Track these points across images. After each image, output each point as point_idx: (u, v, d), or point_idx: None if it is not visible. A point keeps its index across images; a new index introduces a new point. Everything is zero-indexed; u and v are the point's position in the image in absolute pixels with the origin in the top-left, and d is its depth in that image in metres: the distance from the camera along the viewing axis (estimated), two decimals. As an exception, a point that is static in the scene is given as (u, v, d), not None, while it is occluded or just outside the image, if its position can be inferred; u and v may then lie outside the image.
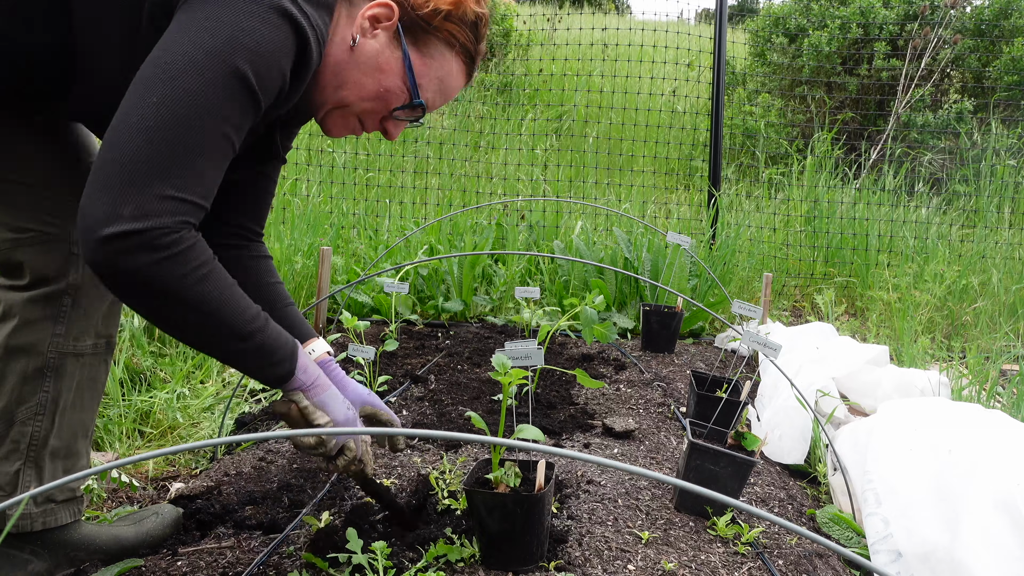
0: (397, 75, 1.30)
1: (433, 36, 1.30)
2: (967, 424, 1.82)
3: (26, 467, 1.40)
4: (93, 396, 1.49)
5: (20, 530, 1.41)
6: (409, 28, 1.29)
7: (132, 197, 1.02)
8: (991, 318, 3.86)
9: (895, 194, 5.33)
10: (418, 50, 1.31)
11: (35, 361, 1.38)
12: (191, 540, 1.57)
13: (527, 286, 3.16)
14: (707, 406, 2.11)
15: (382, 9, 1.26)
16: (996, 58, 6.71)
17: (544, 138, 6.88)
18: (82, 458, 1.50)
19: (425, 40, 1.30)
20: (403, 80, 1.30)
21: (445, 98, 1.38)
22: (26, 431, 1.39)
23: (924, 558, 1.53)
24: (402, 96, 1.32)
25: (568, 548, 1.47)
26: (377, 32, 1.27)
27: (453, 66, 1.35)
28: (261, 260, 1.59)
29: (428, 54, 1.32)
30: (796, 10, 7.72)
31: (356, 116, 1.34)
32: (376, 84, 1.30)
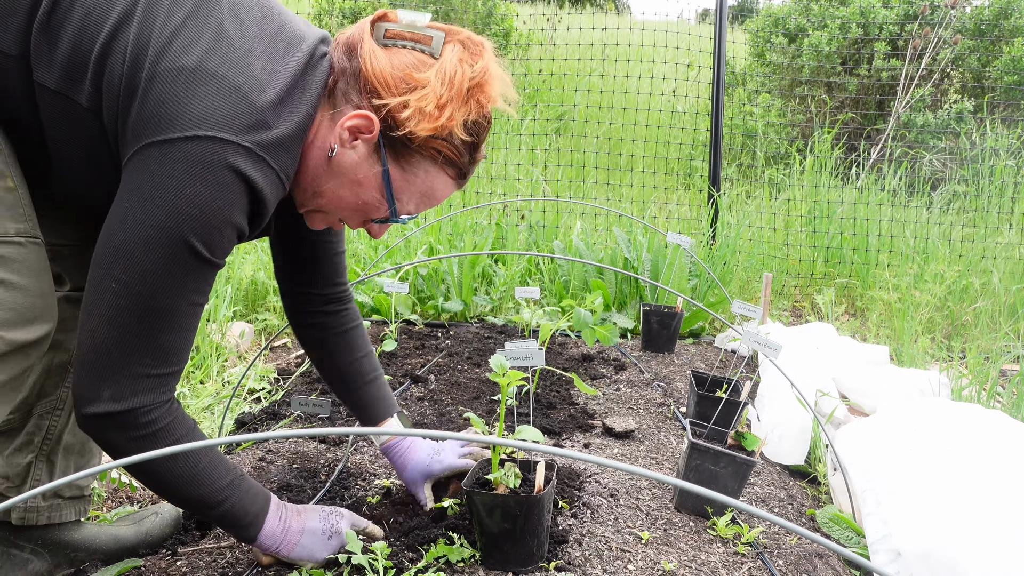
0: (375, 189, 1.23)
1: (416, 153, 1.20)
2: (967, 424, 1.82)
3: (38, 460, 1.42)
4: None
5: (26, 523, 1.43)
6: (390, 142, 1.19)
7: (109, 381, 1.10)
8: (991, 318, 3.86)
9: (895, 194, 5.33)
10: (399, 166, 1.21)
11: (60, 356, 1.41)
12: (191, 540, 1.57)
13: (527, 286, 3.16)
14: (707, 406, 2.11)
15: (362, 121, 1.17)
16: (996, 58, 6.71)
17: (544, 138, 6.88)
18: (95, 457, 1.53)
19: (407, 156, 1.21)
20: (382, 194, 1.23)
21: (430, 206, 1.30)
22: (43, 424, 1.42)
23: (923, 558, 1.53)
24: (382, 209, 1.25)
25: (568, 548, 1.47)
26: (356, 144, 1.19)
27: (438, 180, 1.25)
28: (349, 334, 1.61)
29: (410, 170, 1.22)
30: (796, 10, 7.72)
31: (337, 218, 1.32)
32: (354, 196, 1.24)
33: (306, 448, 2.07)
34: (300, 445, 2.08)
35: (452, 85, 1.16)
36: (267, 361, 3.13)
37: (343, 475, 1.88)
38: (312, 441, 2.11)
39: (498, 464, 1.43)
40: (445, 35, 1.18)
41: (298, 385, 2.71)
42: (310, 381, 2.72)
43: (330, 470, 1.92)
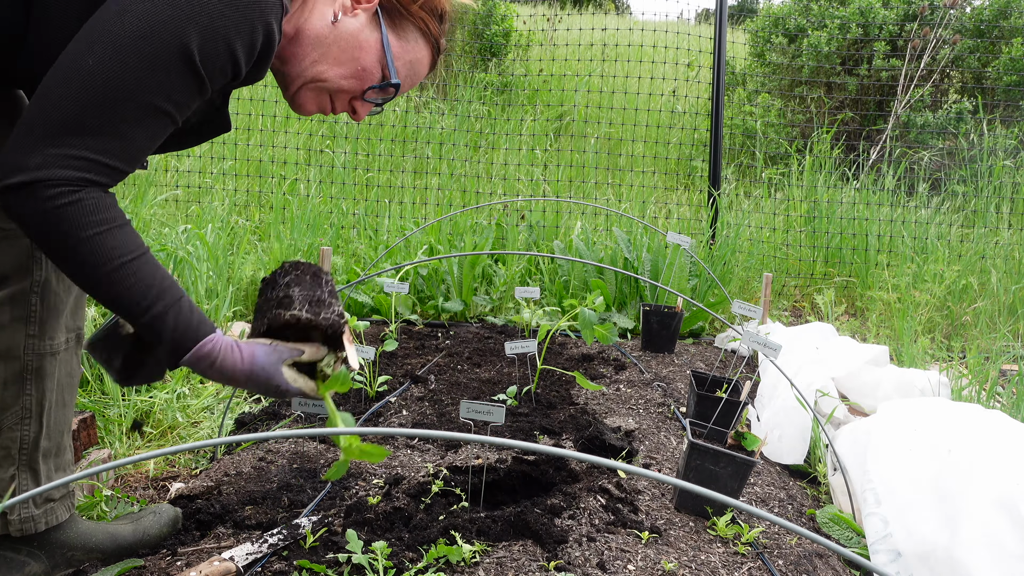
0: (374, 54, 1.32)
1: (409, 21, 1.34)
2: (967, 424, 1.82)
3: (20, 471, 1.40)
4: (72, 391, 1.48)
5: (24, 533, 1.42)
6: (387, 11, 1.32)
7: (43, 149, 1.03)
8: (991, 318, 3.86)
9: (894, 194, 5.33)
10: (395, 32, 1.34)
11: (12, 366, 1.35)
12: (191, 540, 1.57)
13: (527, 286, 3.16)
14: (707, 406, 2.11)
15: None
16: (995, 58, 6.72)
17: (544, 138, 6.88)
18: (67, 452, 1.50)
19: (402, 24, 1.34)
20: (379, 60, 1.32)
21: (412, 83, 1.41)
22: (15, 436, 1.38)
23: (923, 558, 1.53)
24: (375, 75, 1.33)
25: (568, 548, 1.47)
26: (357, 12, 1.29)
27: (423, 53, 1.38)
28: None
29: (404, 37, 1.35)
30: (796, 10, 7.72)
31: (329, 93, 1.34)
32: (354, 62, 1.31)
33: (306, 448, 2.07)
34: (300, 445, 2.08)
35: None
36: (267, 361, 3.13)
37: (343, 475, 1.88)
38: (312, 441, 2.11)
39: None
40: None
41: (298, 385, 2.71)
42: (310, 381, 2.71)
43: (330, 470, 1.92)
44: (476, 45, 8.00)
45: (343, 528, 1.56)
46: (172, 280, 1.15)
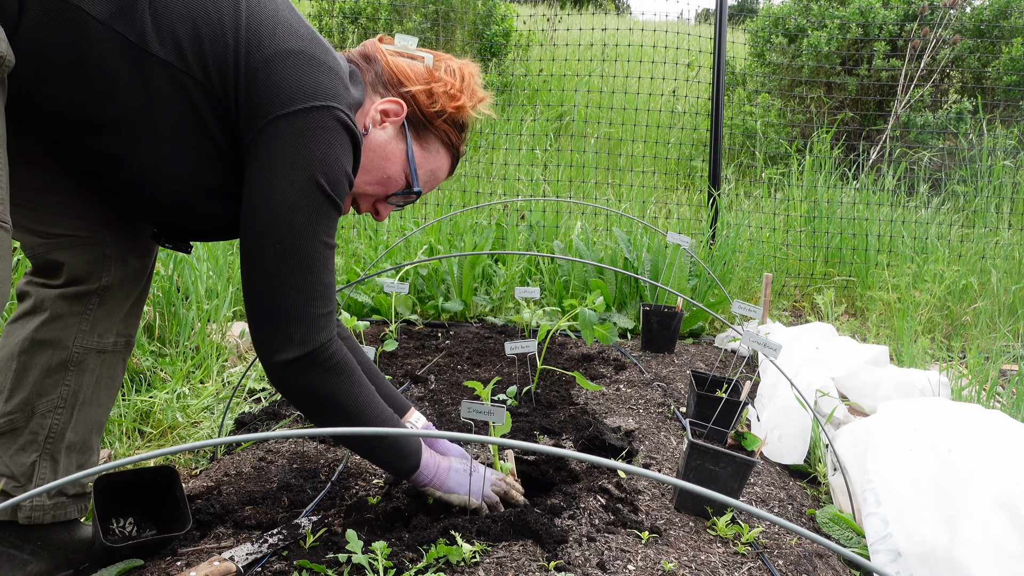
0: (400, 164, 1.46)
1: (432, 133, 1.48)
2: (967, 424, 1.82)
3: (42, 459, 1.43)
4: (110, 393, 1.54)
5: (32, 522, 1.44)
6: (413, 124, 1.46)
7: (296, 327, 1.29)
8: (991, 318, 3.86)
9: (894, 194, 5.33)
10: (419, 144, 1.47)
11: (59, 355, 1.42)
12: (191, 540, 1.57)
13: (527, 286, 3.16)
14: (707, 406, 2.11)
15: (392, 105, 1.42)
16: (995, 58, 6.71)
17: (544, 138, 6.88)
18: (95, 453, 1.54)
19: (426, 136, 1.48)
20: (404, 169, 1.46)
21: (432, 187, 1.55)
22: (45, 423, 1.43)
23: (923, 558, 1.53)
24: (400, 183, 1.47)
25: (568, 548, 1.47)
26: (386, 124, 1.43)
27: (444, 161, 1.53)
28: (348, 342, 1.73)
29: (427, 148, 1.49)
30: (796, 10, 7.72)
31: (353, 197, 1.49)
32: (381, 170, 1.45)
33: (306, 448, 2.07)
34: (300, 445, 2.08)
35: (463, 79, 1.48)
36: (267, 361, 3.13)
37: (343, 475, 1.88)
38: (312, 441, 2.11)
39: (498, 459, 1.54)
40: (434, 57, 1.49)
41: (298, 385, 2.71)
42: (310, 381, 2.71)
43: (330, 470, 1.92)
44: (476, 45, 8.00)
45: (343, 528, 1.56)
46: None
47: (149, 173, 1.29)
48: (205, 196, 1.34)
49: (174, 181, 1.30)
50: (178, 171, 1.29)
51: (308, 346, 1.29)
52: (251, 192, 1.27)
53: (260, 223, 1.26)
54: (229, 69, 1.23)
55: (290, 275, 1.27)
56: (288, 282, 1.27)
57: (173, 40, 1.19)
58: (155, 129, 1.24)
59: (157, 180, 1.30)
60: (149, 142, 1.25)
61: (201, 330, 2.91)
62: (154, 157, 1.26)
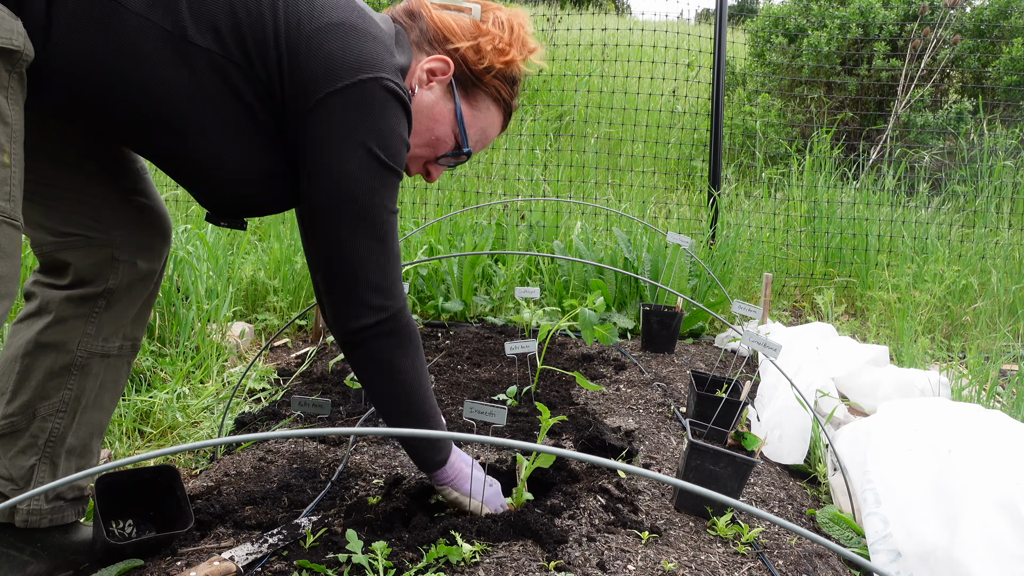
0: (448, 124, 1.42)
1: (481, 90, 1.43)
2: (967, 424, 1.82)
3: (41, 462, 1.42)
4: (113, 397, 1.52)
5: (29, 525, 1.43)
6: (460, 82, 1.41)
7: (377, 293, 1.32)
8: (991, 318, 3.86)
9: (895, 194, 5.33)
10: (467, 102, 1.43)
11: (63, 359, 1.41)
12: (191, 540, 1.57)
13: (527, 286, 3.16)
14: (707, 406, 2.11)
15: (439, 64, 1.38)
16: (996, 58, 6.71)
17: (544, 138, 6.88)
18: (95, 457, 1.53)
19: (474, 93, 1.43)
20: (453, 129, 1.43)
21: (484, 145, 1.51)
22: (46, 427, 1.42)
23: (923, 558, 1.53)
24: (450, 144, 1.45)
25: (568, 548, 1.47)
26: (432, 84, 1.39)
27: (495, 118, 1.48)
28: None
29: (476, 106, 1.44)
30: (796, 10, 7.72)
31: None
32: (429, 132, 1.42)
33: (306, 448, 2.07)
34: (300, 445, 2.08)
35: (512, 31, 1.41)
36: (267, 361, 3.13)
37: (343, 475, 1.88)
38: (312, 441, 2.11)
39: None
40: (481, 7, 1.42)
41: (298, 385, 2.71)
42: (310, 381, 2.72)
43: (330, 470, 1.92)
44: (476, 45, 7.99)
45: (343, 528, 1.56)
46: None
47: (198, 162, 1.28)
48: (256, 179, 1.33)
49: (224, 168, 1.29)
50: (228, 158, 1.28)
51: (387, 311, 1.33)
52: (313, 170, 1.27)
53: (327, 199, 1.27)
54: (271, 51, 1.20)
55: (363, 245, 1.29)
56: (362, 252, 1.29)
57: (211, 27, 1.17)
58: (201, 118, 1.22)
59: (207, 168, 1.29)
60: (196, 131, 1.23)
61: (201, 330, 2.91)
62: (202, 146, 1.25)
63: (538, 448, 0.86)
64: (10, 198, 1.09)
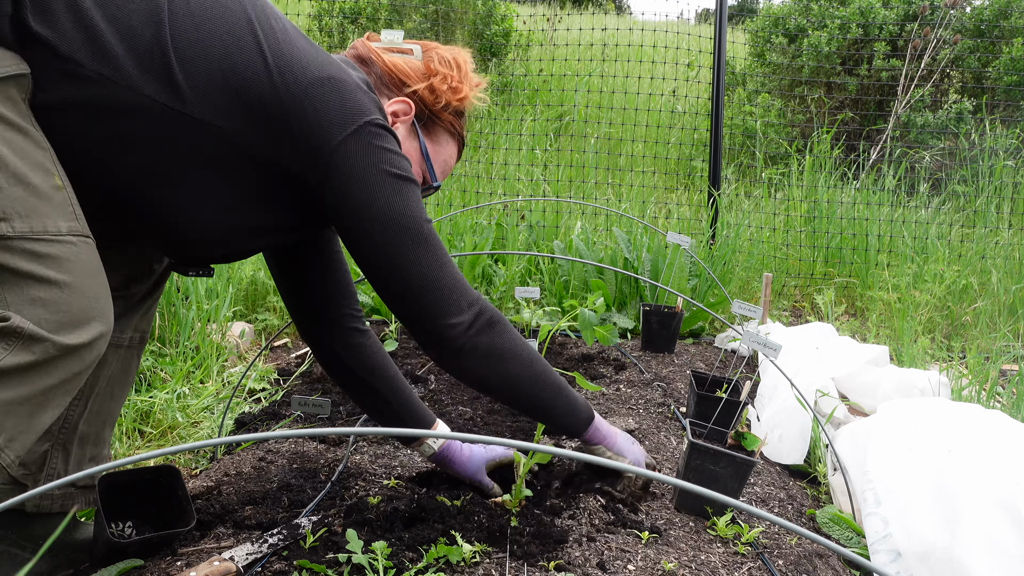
0: (416, 162, 1.50)
1: (439, 126, 1.52)
2: (967, 424, 1.82)
3: (54, 449, 1.45)
4: (123, 388, 1.56)
5: (40, 511, 1.46)
6: (420, 120, 1.50)
7: (459, 296, 1.37)
8: (991, 318, 3.86)
9: (895, 194, 5.33)
10: (430, 139, 1.52)
11: None
12: (191, 540, 1.57)
13: (527, 286, 3.16)
14: (707, 406, 2.11)
15: (401, 106, 1.46)
16: (996, 58, 6.71)
17: (544, 138, 6.88)
18: (106, 446, 1.56)
19: (434, 129, 1.52)
20: (420, 165, 1.51)
21: (445, 175, 1.61)
22: (60, 415, 1.42)
23: (923, 558, 1.53)
24: (418, 180, 1.48)
25: (568, 548, 1.47)
26: (397, 125, 1.46)
27: (452, 150, 1.57)
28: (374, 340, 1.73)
29: (437, 141, 1.54)
30: (796, 10, 7.72)
31: None
32: None
33: (306, 448, 2.07)
34: (300, 445, 2.08)
35: (459, 69, 1.50)
36: (267, 361, 3.13)
37: (343, 475, 1.88)
38: (312, 441, 2.11)
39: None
40: (422, 47, 1.51)
41: (298, 385, 2.71)
42: (310, 381, 2.72)
43: (330, 470, 1.92)
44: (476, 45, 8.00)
45: (343, 528, 1.56)
46: None
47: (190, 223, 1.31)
48: (248, 233, 1.38)
49: (220, 227, 1.34)
50: (223, 217, 1.32)
51: (476, 306, 1.38)
52: (351, 212, 1.31)
53: (377, 233, 1.31)
54: (273, 111, 1.24)
55: (427, 258, 1.34)
56: (428, 264, 1.34)
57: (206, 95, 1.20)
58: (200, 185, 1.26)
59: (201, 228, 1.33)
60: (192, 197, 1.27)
61: (201, 330, 2.91)
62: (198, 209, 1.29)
63: (538, 448, 0.86)
64: (76, 217, 1.13)
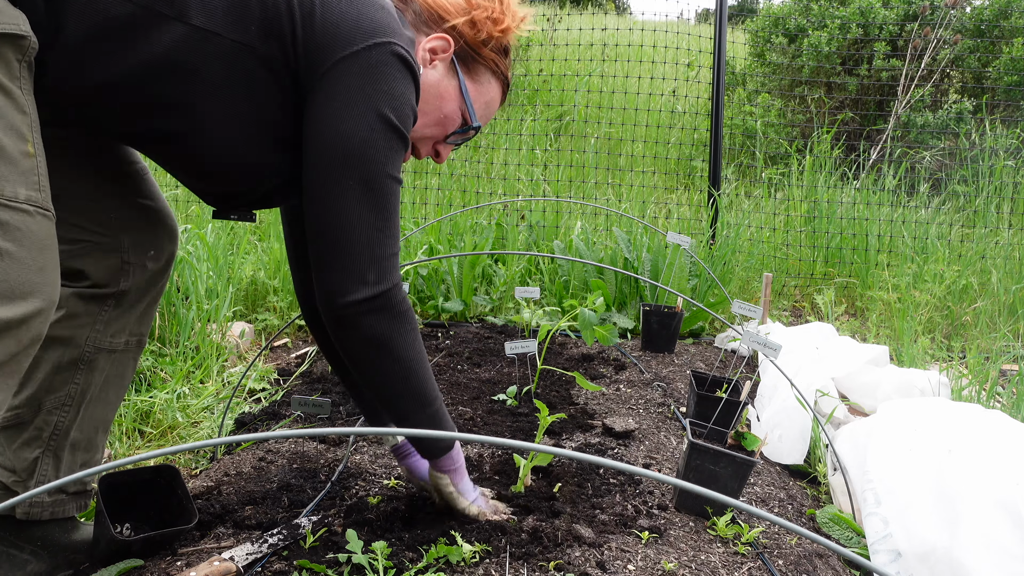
0: (455, 101, 1.42)
1: (481, 64, 1.44)
2: (967, 424, 1.82)
3: (45, 456, 1.43)
4: (118, 392, 1.54)
5: (30, 518, 1.44)
6: (461, 58, 1.42)
7: (371, 266, 1.24)
8: (991, 318, 3.86)
9: (895, 194, 5.33)
10: (470, 78, 1.44)
11: (71, 353, 1.42)
12: (191, 540, 1.57)
13: (527, 286, 3.16)
14: (707, 406, 2.11)
15: (440, 42, 1.38)
16: (996, 58, 6.71)
17: (544, 138, 6.87)
18: (99, 451, 1.54)
19: (476, 68, 1.44)
20: (460, 106, 1.42)
21: (488, 119, 1.51)
22: (51, 420, 1.43)
23: (923, 558, 1.53)
24: (457, 121, 1.44)
25: (568, 548, 1.47)
26: (436, 63, 1.39)
27: (496, 91, 1.49)
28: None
29: (479, 81, 1.45)
30: (796, 10, 7.72)
31: (412, 143, 1.42)
32: (437, 111, 1.41)
33: (306, 448, 2.07)
34: (300, 445, 2.08)
35: (500, 1, 1.41)
36: (267, 361, 3.13)
37: (343, 475, 1.88)
38: (312, 441, 2.11)
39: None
40: None
41: (298, 385, 2.71)
42: (310, 381, 2.72)
43: (330, 470, 1.92)
44: (476, 45, 7.98)
45: (343, 528, 1.56)
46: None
47: (209, 141, 1.25)
48: (271, 150, 1.31)
49: (236, 144, 1.27)
50: (240, 131, 1.26)
51: (382, 286, 1.25)
52: (320, 127, 1.22)
53: (331, 156, 1.22)
54: (283, 17, 1.19)
55: (364, 212, 1.23)
56: (362, 219, 1.23)
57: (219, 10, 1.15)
58: (211, 95, 1.21)
59: (219, 147, 1.27)
60: (206, 110, 1.22)
61: (201, 330, 2.91)
62: (213, 123, 1.23)
63: (538, 448, 0.86)
64: (40, 188, 1.06)
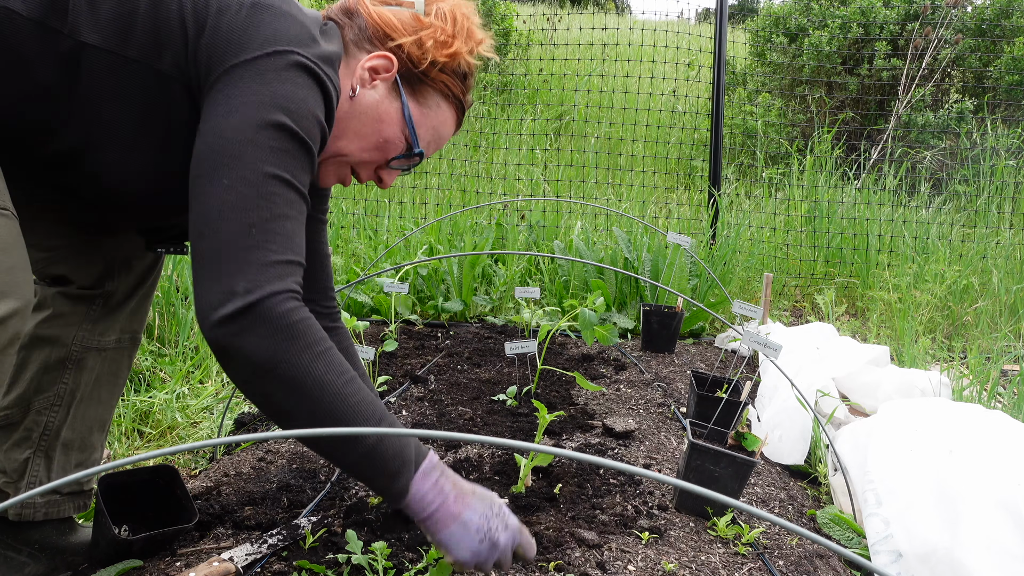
0: (396, 125, 1.31)
1: (429, 87, 1.33)
2: (968, 425, 1.81)
3: (35, 456, 1.42)
4: (112, 391, 1.52)
5: (23, 519, 1.43)
6: (406, 79, 1.31)
7: (240, 274, 1.03)
8: (992, 318, 3.85)
9: (895, 194, 5.32)
10: (415, 100, 1.32)
11: (58, 352, 1.41)
12: (190, 540, 1.56)
13: (527, 286, 3.16)
14: (707, 406, 2.11)
15: (381, 61, 1.28)
16: (997, 58, 6.71)
17: (544, 138, 6.87)
18: (96, 451, 1.52)
19: (422, 91, 1.32)
20: (402, 130, 1.31)
21: (438, 146, 1.39)
22: (40, 420, 1.42)
23: (924, 558, 1.53)
24: (400, 146, 1.33)
25: (568, 548, 1.47)
26: (376, 83, 1.29)
27: (447, 115, 1.37)
28: (347, 353, 1.58)
29: (425, 104, 1.33)
30: (796, 10, 7.71)
31: (351, 166, 1.35)
32: (376, 134, 1.30)
33: (306, 448, 2.06)
34: (300, 445, 2.08)
35: (455, 22, 1.31)
36: (267, 361, 3.13)
37: (343, 475, 1.88)
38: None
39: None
40: (426, 0, 1.33)
41: (298, 385, 2.70)
42: (310, 381, 2.71)
43: (330, 470, 1.92)
44: (476, 45, 7.98)
45: (343, 528, 1.55)
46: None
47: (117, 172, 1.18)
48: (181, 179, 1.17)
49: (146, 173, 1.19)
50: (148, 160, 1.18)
51: (253, 295, 1.02)
52: (203, 133, 1.10)
53: (211, 159, 1.07)
54: (175, 30, 1.11)
55: (238, 212, 1.04)
56: (235, 219, 1.04)
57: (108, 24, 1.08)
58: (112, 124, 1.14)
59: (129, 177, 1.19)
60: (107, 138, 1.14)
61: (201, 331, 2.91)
62: (117, 152, 1.16)
63: (538, 448, 0.85)
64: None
